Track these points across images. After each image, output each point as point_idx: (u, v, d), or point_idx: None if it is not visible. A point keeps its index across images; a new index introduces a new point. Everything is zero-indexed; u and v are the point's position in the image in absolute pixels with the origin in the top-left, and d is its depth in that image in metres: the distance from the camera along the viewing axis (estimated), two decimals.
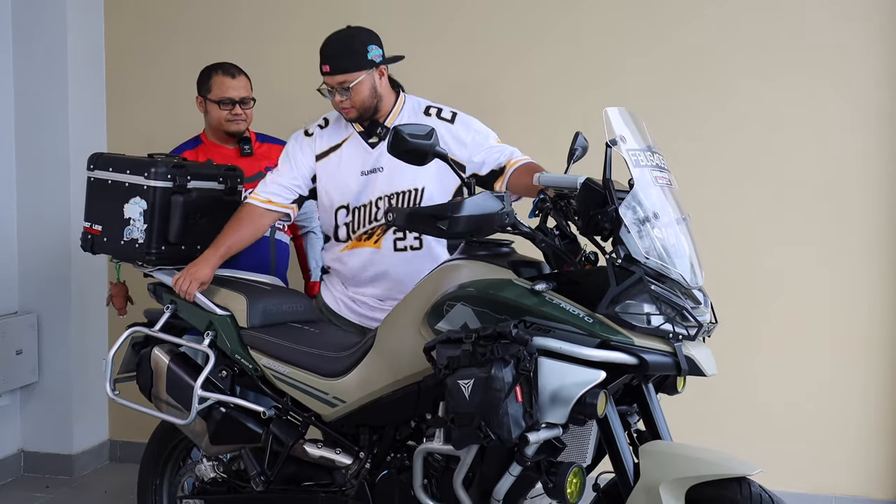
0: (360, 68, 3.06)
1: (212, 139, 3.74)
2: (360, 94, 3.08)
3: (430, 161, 2.50)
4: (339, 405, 2.75)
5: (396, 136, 2.43)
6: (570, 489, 2.27)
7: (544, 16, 4.24)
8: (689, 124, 4.10)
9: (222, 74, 3.66)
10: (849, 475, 4.02)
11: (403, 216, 2.43)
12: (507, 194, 2.50)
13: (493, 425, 2.19)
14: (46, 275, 4.54)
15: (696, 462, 2.22)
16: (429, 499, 2.53)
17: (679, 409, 3.95)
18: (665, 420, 2.44)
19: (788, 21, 4.01)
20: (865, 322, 3.99)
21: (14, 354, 4.41)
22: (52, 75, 4.48)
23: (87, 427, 4.67)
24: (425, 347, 2.39)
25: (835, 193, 3.99)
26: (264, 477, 2.88)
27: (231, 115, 3.63)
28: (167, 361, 3.00)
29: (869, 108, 3.95)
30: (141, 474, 3.33)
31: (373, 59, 3.09)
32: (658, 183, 2.40)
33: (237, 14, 4.60)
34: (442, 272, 2.59)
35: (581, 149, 2.71)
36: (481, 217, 2.36)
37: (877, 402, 3.99)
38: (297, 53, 4.33)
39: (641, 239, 2.31)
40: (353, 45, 3.08)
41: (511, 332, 2.21)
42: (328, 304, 3.31)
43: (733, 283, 4.03)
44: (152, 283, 3.22)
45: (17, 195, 4.55)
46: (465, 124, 3.17)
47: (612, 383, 2.29)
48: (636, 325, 2.26)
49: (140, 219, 3.08)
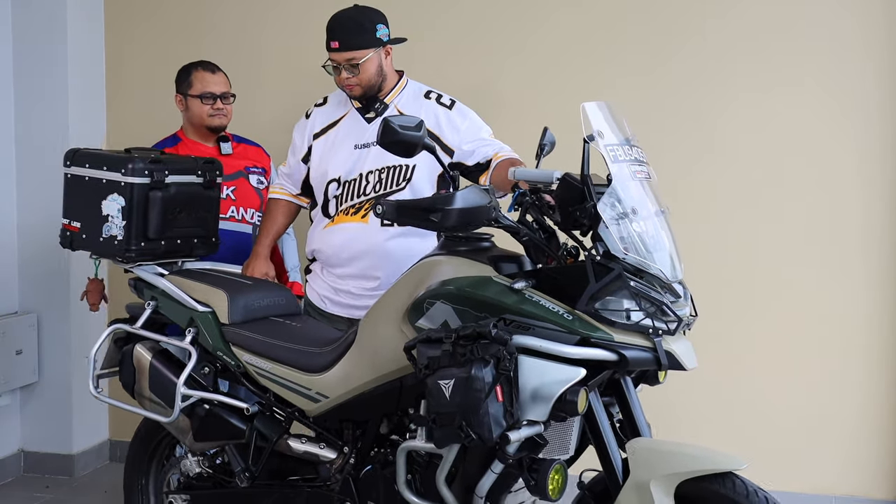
0: (369, 46, 3.15)
1: (191, 137, 3.75)
2: (367, 71, 3.15)
3: (418, 153, 2.50)
4: (322, 401, 2.75)
5: (387, 126, 2.42)
6: (552, 486, 2.29)
7: (544, 17, 4.19)
8: (690, 124, 4.07)
9: (202, 70, 3.71)
10: (849, 475, 4.00)
11: (393, 209, 2.42)
12: (492, 188, 2.50)
13: (474, 425, 2.20)
14: (46, 275, 4.51)
15: (685, 458, 2.24)
16: (412, 495, 2.54)
17: (679, 409, 4.00)
18: (643, 412, 2.44)
19: (787, 23, 3.98)
20: (865, 321, 3.96)
21: (14, 354, 4.39)
22: (52, 75, 4.45)
23: (87, 427, 4.65)
24: (406, 346, 2.39)
25: (835, 194, 3.96)
26: (249, 473, 2.89)
27: (213, 109, 3.67)
28: (150, 358, 2.99)
29: (868, 109, 3.91)
30: (126, 473, 3.33)
31: (381, 37, 3.17)
32: (636, 177, 2.40)
33: (238, 14, 4.56)
34: (423, 268, 2.58)
35: (549, 144, 2.72)
36: (472, 210, 2.36)
37: (877, 402, 3.96)
38: (297, 52, 4.37)
39: (620, 235, 2.31)
40: (363, 22, 3.16)
41: (491, 332, 2.21)
42: (313, 301, 3.34)
43: (734, 283, 4.03)
44: (133, 279, 3.20)
45: (17, 195, 4.51)
46: (462, 112, 3.26)
47: (593, 380, 2.29)
48: (616, 321, 2.27)
49: (118, 215, 3.05)
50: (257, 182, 3.76)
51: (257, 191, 3.76)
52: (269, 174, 3.82)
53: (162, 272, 3.12)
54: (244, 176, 3.73)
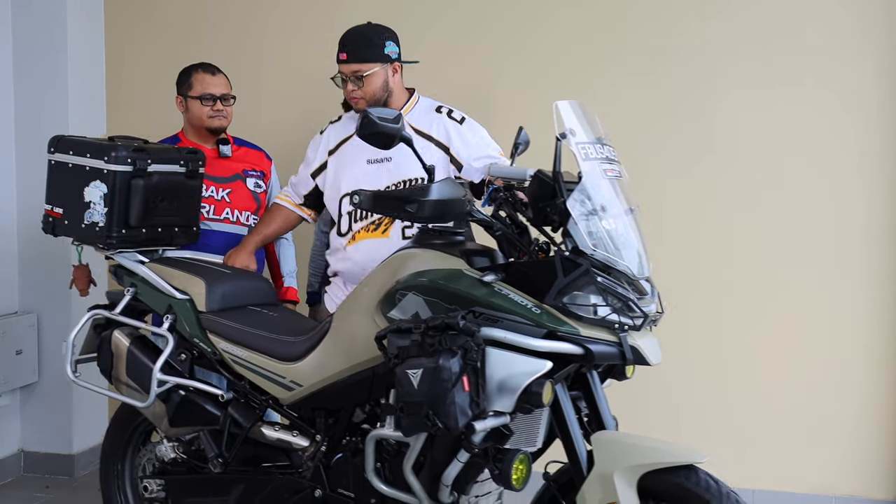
0: (375, 60, 3.21)
1: (191, 138, 3.75)
2: (372, 85, 3.21)
3: (396, 145, 2.53)
4: (296, 389, 2.79)
5: (366, 118, 2.46)
6: (515, 475, 2.34)
7: (544, 17, 4.21)
8: (690, 124, 4.08)
9: (202, 72, 3.71)
10: (849, 475, 4.00)
11: (369, 198, 2.46)
12: (466, 183, 2.54)
13: (440, 414, 2.24)
14: (46, 275, 4.51)
15: (648, 450, 2.29)
16: (381, 482, 2.58)
17: (679, 409, 4.06)
18: (609, 406, 2.49)
19: (787, 22, 4.00)
20: (865, 321, 3.97)
21: (14, 354, 4.39)
22: (52, 75, 4.46)
23: (87, 427, 4.64)
24: (377, 336, 2.43)
25: (835, 194, 3.97)
26: (222, 459, 2.92)
27: (213, 111, 3.67)
28: (127, 344, 3.03)
29: (868, 109, 3.93)
30: (103, 459, 3.36)
31: (388, 54, 3.23)
32: (607, 175, 2.44)
33: (238, 15, 4.58)
34: (396, 260, 2.63)
35: (524, 143, 2.78)
36: (447, 202, 2.42)
37: (877, 402, 3.97)
38: (298, 51, 4.40)
39: (589, 231, 2.36)
40: (372, 37, 3.23)
41: (459, 324, 2.26)
42: (331, 311, 3.34)
43: (734, 283, 4.04)
44: (114, 265, 3.24)
45: (18, 195, 4.51)
46: (472, 128, 3.33)
47: (559, 373, 2.34)
48: (583, 315, 2.31)
49: (100, 202, 3.09)
50: (254, 186, 3.75)
51: (254, 194, 3.74)
52: (269, 178, 3.81)
53: (142, 260, 3.15)
54: (241, 179, 3.72)
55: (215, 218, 3.63)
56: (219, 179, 3.65)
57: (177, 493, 3.07)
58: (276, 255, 3.86)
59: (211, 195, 3.62)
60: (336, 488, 2.74)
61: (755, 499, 4.02)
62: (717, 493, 2.23)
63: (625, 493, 2.26)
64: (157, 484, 3.09)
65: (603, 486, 2.28)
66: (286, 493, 2.84)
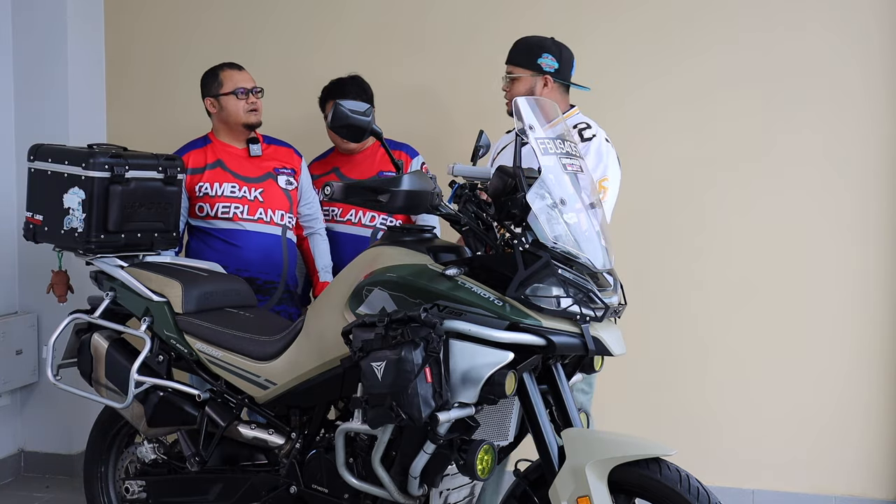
0: (524, 66, 3.32)
1: (221, 138, 3.72)
2: (517, 89, 3.31)
3: (366, 138, 2.56)
4: (271, 387, 2.83)
5: (336, 110, 2.48)
6: (480, 466, 2.37)
7: (544, 17, 4.21)
8: (690, 124, 4.08)
9: (229, 69, 3.69)
10: (849, 475, 3.99)
11: (341, 188, 2.48)
12: (435, 177, 2.58)
13: (404, 405, 2.29)
14: (46, 275, 4.44)
15: (618, 444, 2.34)
16: (352, 476, 2.61)
17: (679, 409, 4.06)
18: (574, 400, 2.53)
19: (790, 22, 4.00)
20: (865, 322, 3.97)
21: (14, 354, 4.39)
22: (52, 75, 4.47)
23: (87, 427, 4.51)
24: (343, 331, 2.48)
25: (836, 194, 3.96)
26: (199, 458, 2.96)
27: (248, 104, 3.63)
28: (106, 346, 3.08)
29: (872, 107, 3.92)
30: (87, 462, 3.41)
31: (541, 64, 3.31)
32: (567, 170, 2.49)
33: (239, 15, 4.59)
34: (365, 257, 2.68)
35: (485, 146, 2.82)
36: (417, 193, 2.44)
37: (877, 403, 3.96)
38: (297, 52, 4.41)
39: (550, 224, 2.40)
40: (532, 45, 3.34)
41: (421, 316, 2.30)
42: None
43: (734, 284, 4.05)
44: (94, 270, 3.29)
45: (18, 195, 4.50)
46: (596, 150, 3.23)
47: (522, 364, 2.37)
48: (545, 307, 2.35)
49: (79, 208, 3.14)
50: (286, 183, 3.71)
51: (286, 192, 3.70)
52: (300, 175, 3.77)
53: (122, 264, 3.20)
54: (273, 177, 3.69)
55: (249, 218, 3.61)
56: (250, 179, 3.64)
57: (157, 494, 3.11)
58: (310, 251, 3.84)
59: (244, 195, 3.62)
60: (311, 484, 2.78)
61: (755, 499, 4.02)
62: (686, 485, 2.27)
63: (596, 487, 2.30)
64: (138, 485, 3.13)
65: (575, 480, 2.32)
66: (263, 490, 2.88)
